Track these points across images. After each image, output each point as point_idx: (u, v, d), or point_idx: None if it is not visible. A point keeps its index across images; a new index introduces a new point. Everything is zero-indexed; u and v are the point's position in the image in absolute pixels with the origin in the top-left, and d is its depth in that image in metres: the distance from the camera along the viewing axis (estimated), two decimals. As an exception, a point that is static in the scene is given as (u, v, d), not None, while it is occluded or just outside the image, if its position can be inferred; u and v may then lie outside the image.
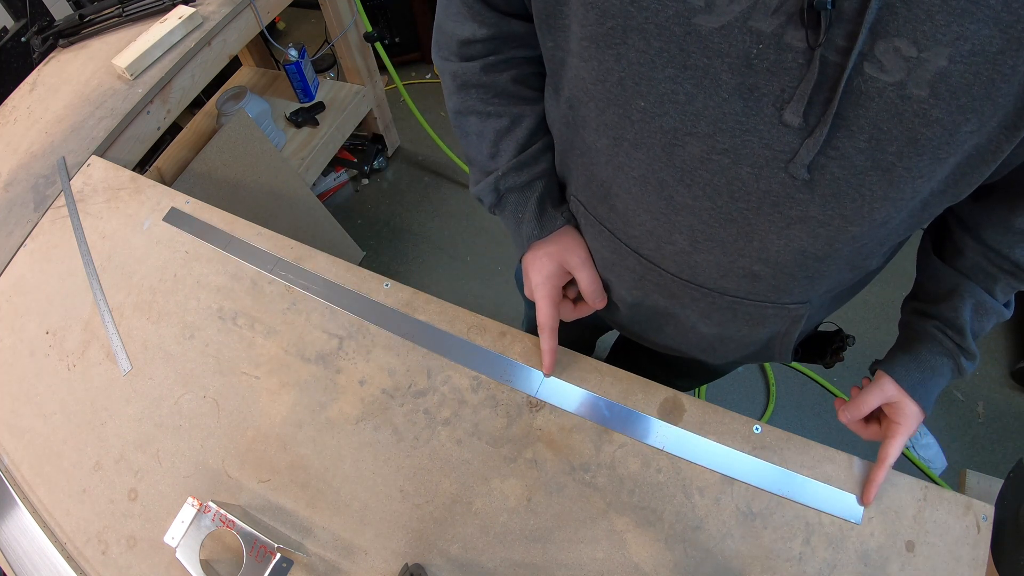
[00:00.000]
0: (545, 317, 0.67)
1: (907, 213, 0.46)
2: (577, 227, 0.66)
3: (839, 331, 0.81)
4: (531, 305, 1.09)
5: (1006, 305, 0.60)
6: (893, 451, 0.61)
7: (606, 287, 0.68)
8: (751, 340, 0.65)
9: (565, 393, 0.70)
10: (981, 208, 0.56)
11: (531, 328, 1.26)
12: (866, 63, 0.37)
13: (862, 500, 0.62)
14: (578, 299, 0.71)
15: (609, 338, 1.38)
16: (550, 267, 0.66)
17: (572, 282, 0.69)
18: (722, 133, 0.42)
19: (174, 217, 0.90)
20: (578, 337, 1.49)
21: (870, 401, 0.63)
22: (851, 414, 0.64)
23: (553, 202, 0.65)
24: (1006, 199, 0.53)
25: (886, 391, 0.62)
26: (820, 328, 0.83)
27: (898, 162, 0.40)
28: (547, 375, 0.71)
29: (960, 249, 0.61)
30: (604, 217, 0.59)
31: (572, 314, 0.70)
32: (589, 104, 0.49)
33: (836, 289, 0.60)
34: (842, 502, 0.62)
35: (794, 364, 1.70)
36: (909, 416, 0.61)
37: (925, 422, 1.58)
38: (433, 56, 0.64)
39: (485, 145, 0.63)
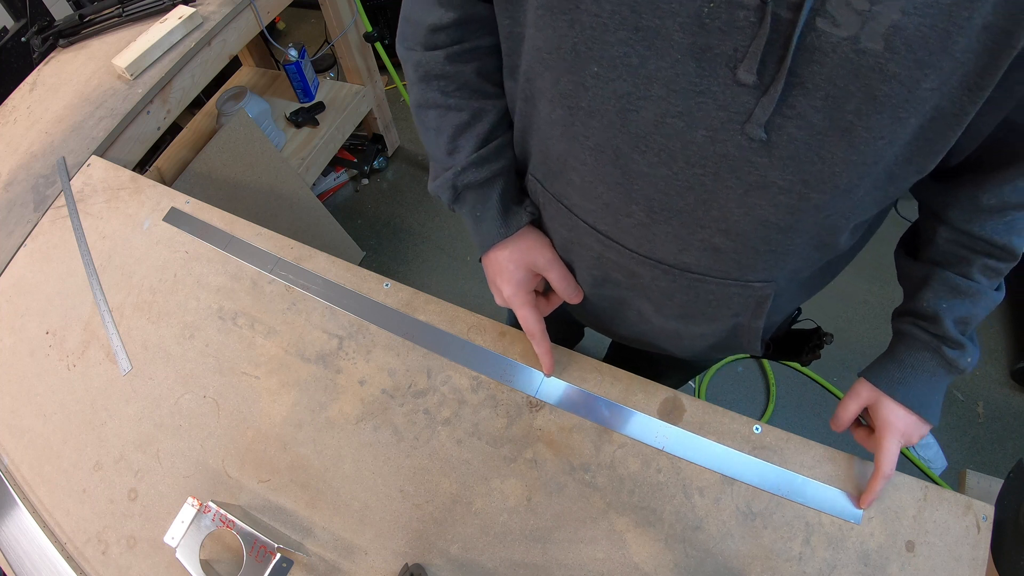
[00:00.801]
0: (532, 324, 0.66)
1: (872, 182, 0.46)
2: (539, 219, 0.65)
3: (817, 329, 0.80)
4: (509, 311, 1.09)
5: (997, 289, 0.59)
6: (883, 459, 0.59)
7: (569, 266, 0.67)
8: (715, 329, 0.64)
9: (565, 393, 0.70)
10: (948, 189, 0.55)
11: (514, 324, 1.26)
12: (818, 18, 0.36)
13: (858, 504, 0.62)
14: (547, 291, 0.71)
15: (604, 342, 1.38)
16: (519, 274, 0.65)
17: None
18: (676, 95, 0.42)
19: (174, 217, 0.90)
20: (555, 334, 1.51)
21: (848, 406, 0.63)
22: (835, 424, 0.64)
23: (515, 199, 0.64)
24: (974, 177, 0.53)
25: (860, 394, 0.62)
26: (798, 326, 0.82)
27: (857, 121, 0.40)
28: (548, 375, 0.71)
29: (930, 239, 0.60)
30: (561, 193, 0.58)
31: (548, 308, 0.70)
32: (545, 75, 0.49)
33: (804, 271, 0.59)
34: (842, 502, 0.62)
35: (787, 363, 1.70)
36: (891, 418, 0.59)
37: (925, 422, 1.58)
38: (398, 48, 0.63)
39: (443, 140, 0.62)
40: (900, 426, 0.60)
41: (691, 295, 0.58)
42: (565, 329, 1.43)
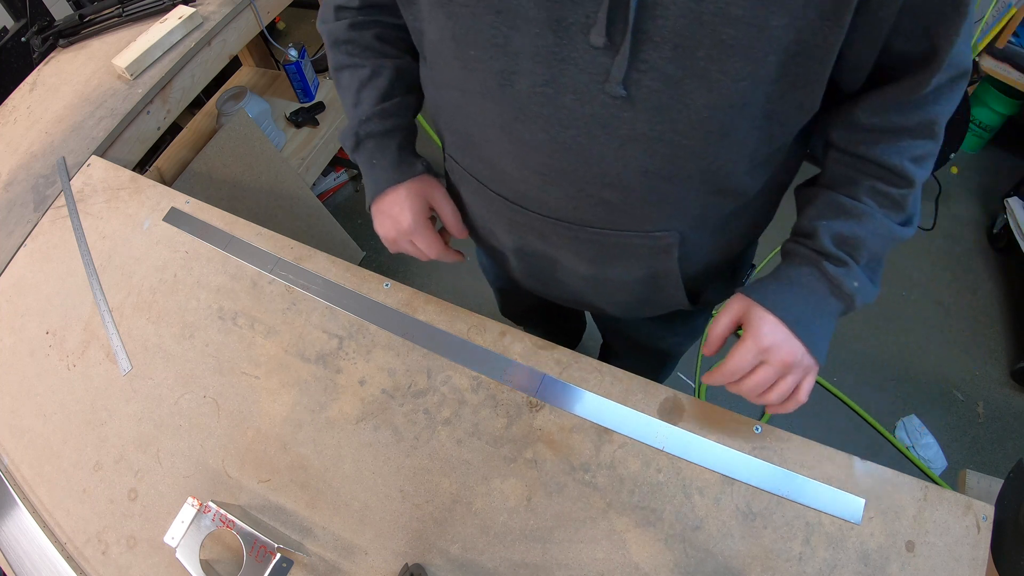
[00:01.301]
0: (436, 245, 0.71)
1: (749, 124, 0.47)
2: (434, 176, 0.72)
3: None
4: (500, 290, 1.16)
5: (904, 224, 0.56)
6: (731, 358, 0.56)
7: (492, 235, 0.72)
8: (634, 277, 0.65)
9: (565, 393, 0.70)
10: (829, 113, 0.55)
11: (506, 311, 1.30)
12: None
13: (703, 378, 0.61)
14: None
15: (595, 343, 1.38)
16: (418, 203, 0.69)
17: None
18: (541, 66, 0.46)
19: (174, 217, 0.90)
20: (555, 333, 1.53)
21: (720, 320, 0.60)
22: (706, 347, 0.62)
23: (411, 152, 0.71)
24: (849, 97, 0.53)
25: (732, 306, 0.59)
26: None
27: (711, 66, 0.42)
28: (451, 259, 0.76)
29: (822, 165, 0.60)
30: (471, 168, 0.63)
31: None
32: (439, 63, 0.54)
33: (709, 218, 0.59)
34: (842, 502, 0.62)
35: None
36: (756, 323, 0.56)
37: (925, 421, 1.58)
38: (318, 27, 0.71)
39: (350, 95, 0.68)
40: (765, 332, 0.55)
41: (598, 249, 0.61)
42: (567, 329, 1.44)
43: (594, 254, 0.62)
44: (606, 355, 1.42)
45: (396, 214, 0.69)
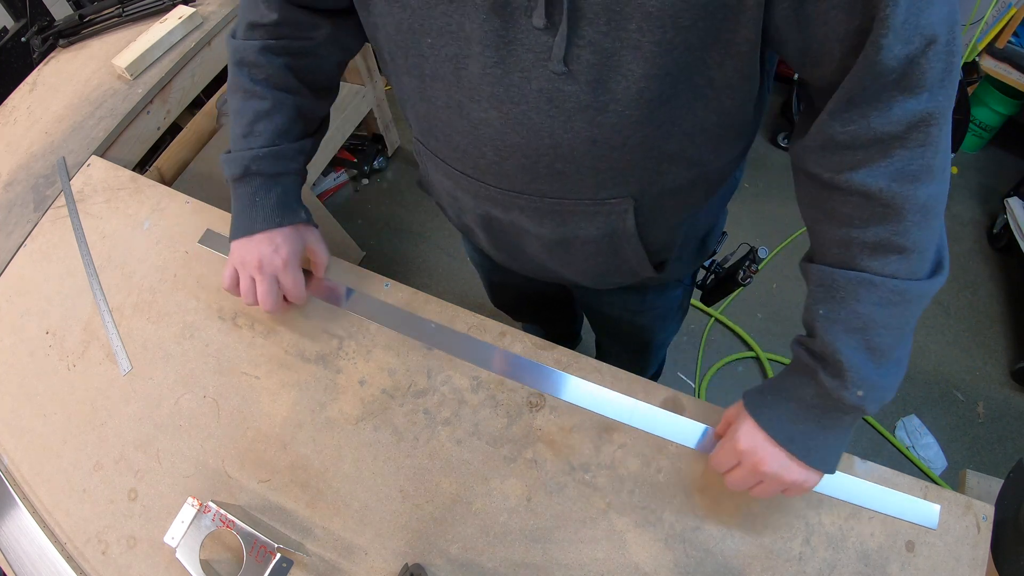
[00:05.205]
0: (299, 290, 0.73)
1: (689, 91, 0.49)
2: (314, 225, 0.76)
3: (752, 249, 0.83)
4: (488, 278, 1.17)
5: (933, 276, 0.51)
6: (715, 452, 0.60)
7: (461, 212, 0.73)
8: (594, 240, 0.66)
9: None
10: (806, 138, 0.51)
11: (496, 300, 1.31)
12: None
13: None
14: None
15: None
16: (297, 245, 0.73)
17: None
18: (490, 49, 0.49)
19: (210, 239, 0.89)
20: (552, 333, 1.52)
21: (721, 426, 0.64)
22: (711, 457, 0.62)
23: (296, 198, 0.74)
24: (821, 108, 0.49)
25: (730, 409, 0.63)
26: (732, 261, 0.87)
27: (642, 37, 0.44)
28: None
29: (814, 232, 0.55)
30: (436, 148, 0.65)
31: (311, 287, 0.78)
32: (397, 53, 0.57)
33: (664, 184, 0.60)
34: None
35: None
36: (736, 425, 0.58)
37: (925, 421, 1.58)
38: (226, 39, 0.71)
39: (243, 122, 0.69)
40: (739, 437, 0.57)
41: (557, 219, 0.63)
42: (561, 318, 1.44)
43: (554, 222, 0.64)
44: (598, 351, 1.42)
45: (268, 251, 0.70)
